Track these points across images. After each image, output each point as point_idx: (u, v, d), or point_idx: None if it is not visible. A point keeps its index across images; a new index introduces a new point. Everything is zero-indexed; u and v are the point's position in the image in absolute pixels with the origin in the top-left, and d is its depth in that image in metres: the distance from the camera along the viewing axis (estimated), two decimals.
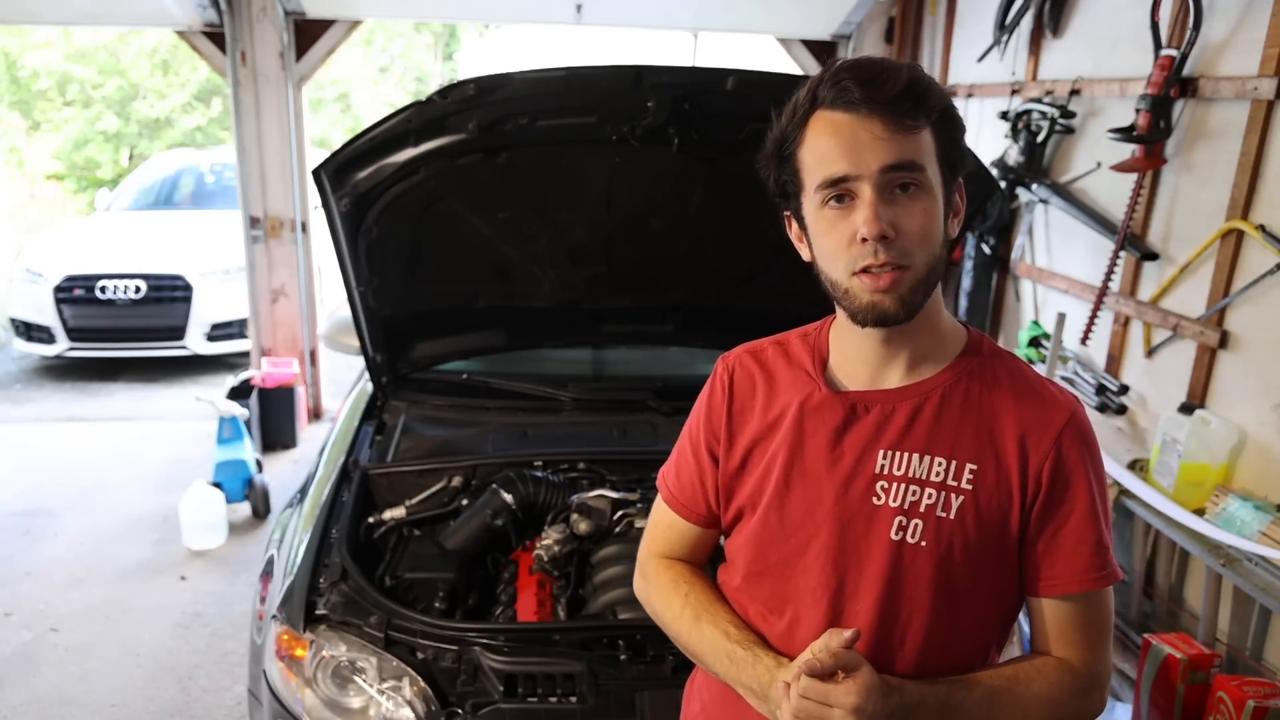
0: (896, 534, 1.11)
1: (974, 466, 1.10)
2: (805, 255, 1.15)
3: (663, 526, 1.33)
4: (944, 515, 1.10)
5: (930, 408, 1.12)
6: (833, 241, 1.06)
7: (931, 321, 1.13)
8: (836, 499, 1.13)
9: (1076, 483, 1.11)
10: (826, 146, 1.04)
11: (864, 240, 1.02)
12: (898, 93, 1.01)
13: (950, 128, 1.07)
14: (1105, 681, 1.16)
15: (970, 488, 1.10)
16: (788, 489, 1.16)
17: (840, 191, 1.04)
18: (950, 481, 1.10)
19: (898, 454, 1.12)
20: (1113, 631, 1.17)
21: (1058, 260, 3.91)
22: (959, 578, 1.11)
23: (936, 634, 1.13)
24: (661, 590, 1.28)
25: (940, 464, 1.11)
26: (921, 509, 1.10)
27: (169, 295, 6.49)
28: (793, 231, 1.17)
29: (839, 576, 1.13)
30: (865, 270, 1.04)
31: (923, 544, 1.10)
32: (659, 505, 1.34)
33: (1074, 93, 3.69)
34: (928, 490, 1.10)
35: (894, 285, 1.04)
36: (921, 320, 1.10)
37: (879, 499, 1.12)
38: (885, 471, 1.12)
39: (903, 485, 1.11)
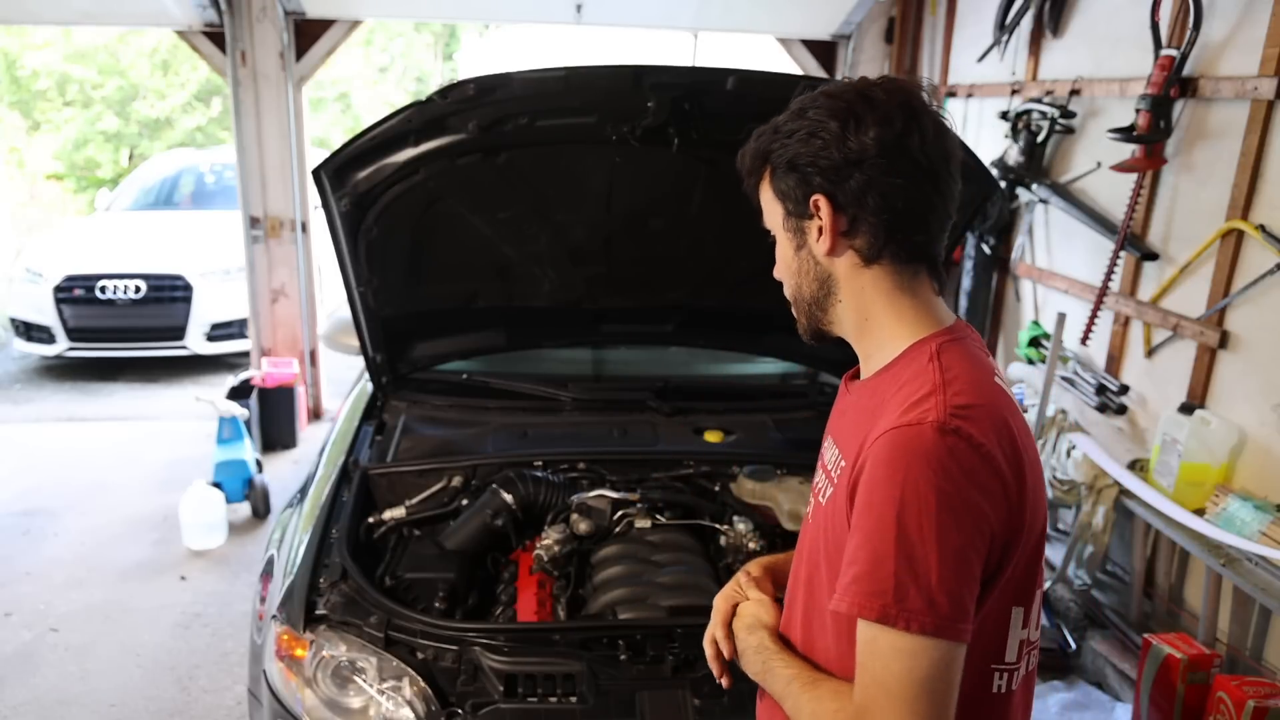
0: (808, 510, 1.23)
1: (843, 463, 1.12)
2: None
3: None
4: (822, 501, 1.16)
5: (851, 401, 1.20)
6: None
7: (861, 330, 1.17)
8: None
9: (862, 501, 1.02)
10: None
11: None
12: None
13: (776, 170, 1.16)
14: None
15: (838, 481, 1.13)
16: None
17: None
18: (834, 471, 1.15)
19: (828, 439, 1.22)
20: (896, 690, 0.97)
21: (1058, 260, 3.91)
22: (820, 562, 1.14)
23: (808, 613, 1.17)
24: None
25: (834, 453, 1.17)
26: (819, 488, 1.19)
27: (169, 295, 6.49)
28: None
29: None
30: None
31: (810, 522, 1.21)
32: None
33: (1074, 93, 3.69)
34: (823, 474, 1.19)
35: None
36: (849, 330, 1.18)
37: (816, 476, 1.23)
38: (821, 455, 1.23)
39: (821, 469, 1.21)
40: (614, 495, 2.33)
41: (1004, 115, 4.05)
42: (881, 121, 1.07)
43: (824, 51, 5.48)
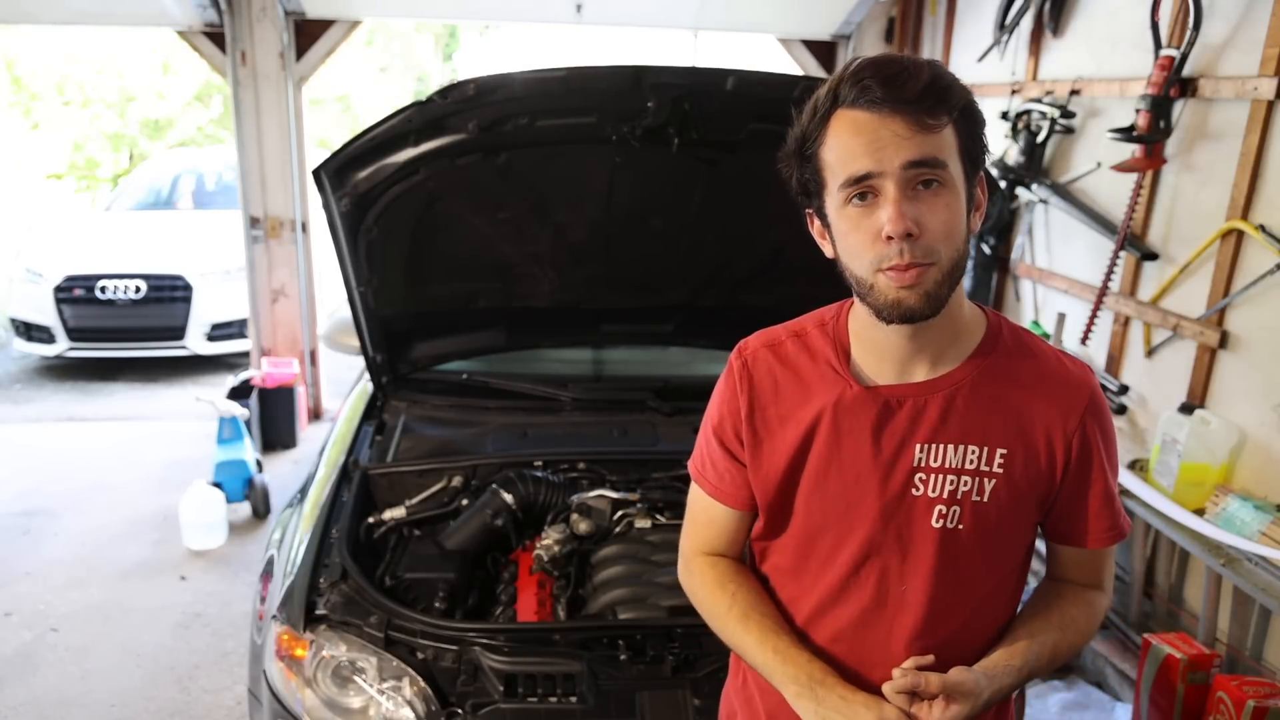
0: (938, 522, 1.16)
1: (1004, 451, 1.16)
2: (828, 252, 1.16)
3: (703, 521, 1.33)
4: (978, 499, 1.16)
5: (961, 399, 1.15)
6: (857, 239, 1.07)
7: (954, 315, 1.14)
8: (878, 493, 1.17)
9: (1097, 456, 1.20)
10: (849, 145, 1.05)
11: (889, 238, 1.03)
12: (919, 91, 1.02)
13: (971, 123, 1.08)
14: (1111, 593, 1.32)
15: (1001, 471, 1.16)
16: (826, 485, 1.19)
17: (863, 189, 1.05)
18: (984, 468, 1.15)
19: (934, 446, 1.15)
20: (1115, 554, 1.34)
21: (1058, 260, 3.91)
22: (996, 550, 1.20)
23: (982, 598, 1.21)
24: (707, 588, 1.30)
25: (974, 452, 1.15)
26: (959, 496, 1.15)
27: (169, 295, 6.49)
28: (814, 228, 1.18)
29: (882, 565, 1.18)
30: (891, 268, 1.05)
31: (960, 527, 1.16)
32: (697, 498, 1.33)
33: (1074, 93, 3.69)
34: (964, 478, 1.15)
35: (919, 280, 1.05)
36: (944, 314, 1.10)
37: (917, 490, 1.16)
38: (923, 464, 1.15)
39: (940, 475, 1.15)
40: (614, 495, 2.33)
41: (1004, 115, 4.05)
42: None
43: (824, 51, 5.48)
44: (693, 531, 1.35)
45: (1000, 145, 4.10)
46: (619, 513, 2.31)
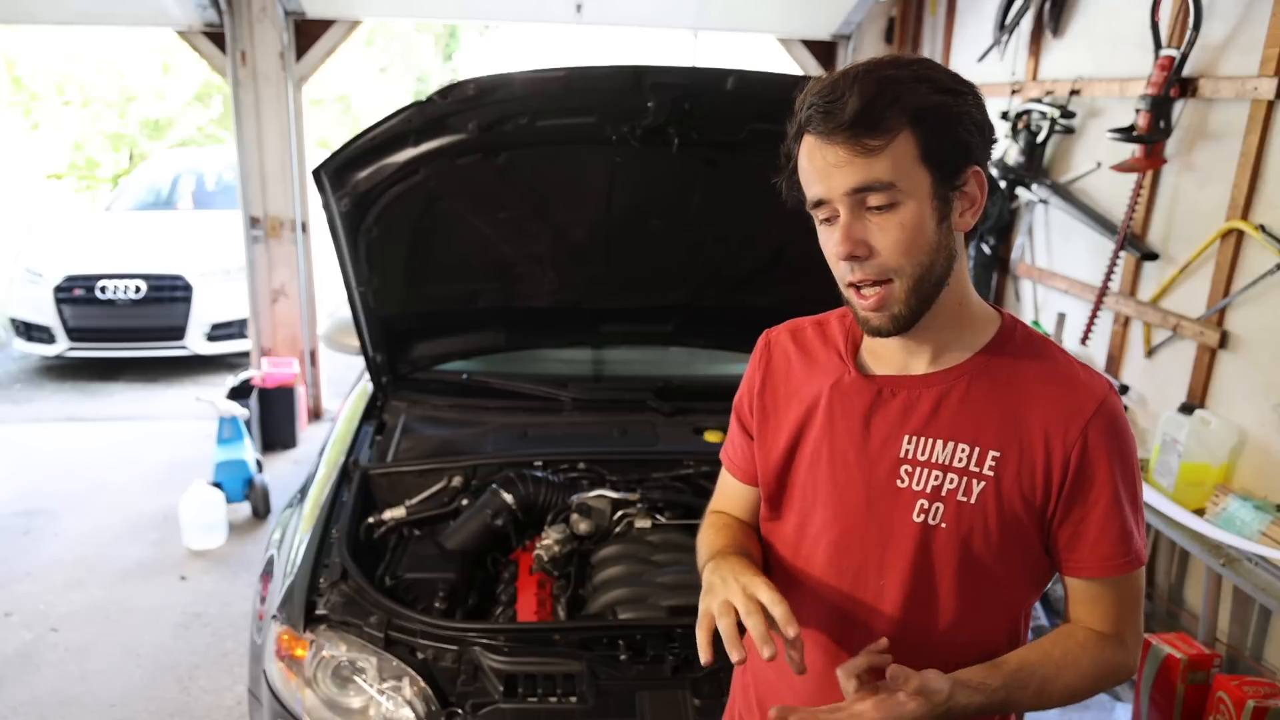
0: (919, 516, 1.15)
1: (996, 453, 1.13)
2: None
3: (720, 490, 1.43)
4: (965, 500, 1.13)
5: (956, 394, 1.15)
6: (827, 255, 1.12)
7: (952, 313, 1.14)
8: (863, 480, 1.17)
9: (1101, 472, 1.12)
10: (806, 169, 1.09)
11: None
12: (852, 117, 1.01)
13: (937, 124, 1.04)
14: (1138, 648, 1.21)
15: (992, 474, 1.13)
16: (818, 468, 1.21)
17: (823, 212, 1.09)
18: (973, 468, 1.13)
19: (922, 439, 1.15)
20: (1143, 601, 1.22)
21: (1058, 260, 3.91)
22: (982, 560, 1.15)
23: (964, 610, 1.17)
24: (701, 530, 1.36)
25: (964, 450, 1.13)
26: (943, 493, 1.14)
27: (169, 295, 6.49)
28: None
29: (862, 555, 1.18)
30: (852, 285, 1.10)
31: (943, 525, 1.14)
32: (723, 472, 1.42)
33: (1074, 93, 3.69)
34: (950, 475, 1.13)
35: (881, 304, 1.08)
36: (940, 314, 1.12)
37: (902, 482, 1.15)
38: (910, 456, 1.15)
39: (926, 470, 1.14)
40: (614, 495, 2.33)
41: (1004, 115, 4.05)
42: None
43: (824, 51, 5.49)
44: (714, 497, 1.44)
45: (1000, 145, 4.10)
46: (619, 513, 2.31)
